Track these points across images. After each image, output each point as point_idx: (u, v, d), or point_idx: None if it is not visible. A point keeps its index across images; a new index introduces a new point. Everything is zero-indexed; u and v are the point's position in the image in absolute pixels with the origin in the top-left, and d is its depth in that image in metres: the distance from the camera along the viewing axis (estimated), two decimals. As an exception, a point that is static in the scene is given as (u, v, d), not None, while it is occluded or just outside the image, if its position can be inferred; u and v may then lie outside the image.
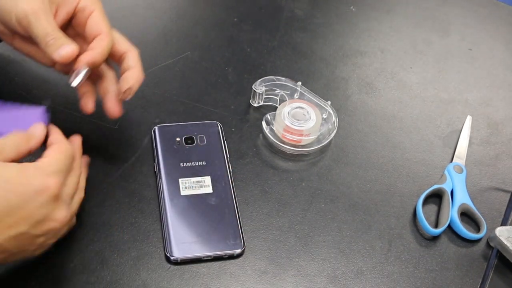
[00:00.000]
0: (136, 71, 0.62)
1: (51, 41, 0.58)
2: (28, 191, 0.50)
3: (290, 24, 0.86)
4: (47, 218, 0.52)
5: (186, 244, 0.61)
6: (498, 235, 0.64)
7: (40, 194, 0.50)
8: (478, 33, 0.90)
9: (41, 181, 0.51)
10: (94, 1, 0.62)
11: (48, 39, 0.58)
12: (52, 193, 0.51)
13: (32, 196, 0.50)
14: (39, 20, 0.57)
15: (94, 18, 0.61)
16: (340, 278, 0.62)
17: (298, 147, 0.71)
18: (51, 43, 0.58)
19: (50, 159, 0.53)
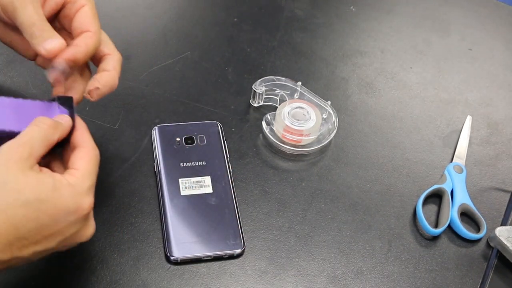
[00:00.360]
0: (110, 75, 0.57)
1: (37, 32, 0.53)
2: (61, 212, 0.48)
3: (290, 24, 0.86)
4: (75, 235, 0.50)
5: (186, 244, 0.61)
6: (498, 235, 0.64)
7: (72, 214, 0.49)
8: (478, 33, 0.90)
9: (75, 202, 0.49)
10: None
11: (34, 30, 0.53)
12: (85, 212, 0.50)
13: (64, 217, 0.48)
14: (26, 8, 0.53)
15: (84, 13, 0.57)
16: (340, 278, 0.62)
17: (298, 147, 0.71)
18: (37, 34, 0.53)
19: (83, 173, 0.50)
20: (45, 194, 0.47)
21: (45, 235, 0.48)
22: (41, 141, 0.49)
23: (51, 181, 0.48)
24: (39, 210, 0.47)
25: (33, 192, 0.47)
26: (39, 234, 0.47)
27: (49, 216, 0.47)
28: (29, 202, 0.46)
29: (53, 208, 0.48)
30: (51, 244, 0.49)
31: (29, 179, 0.47)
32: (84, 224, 0.51)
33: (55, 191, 0.48)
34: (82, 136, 0.53)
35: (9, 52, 0.69)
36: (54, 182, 0.48)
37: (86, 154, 0.52)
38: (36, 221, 0.47)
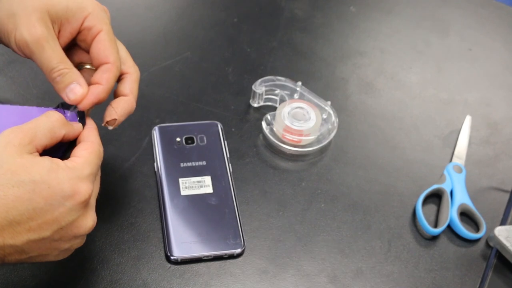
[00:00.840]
0: (127, 102, 0.56)
1: (58, 78, 0.53)
2: (56, 194, 0.46)
3: (290, 24, 0.86)
4: (72, 225, 0.48)
5: (186, 243, 0.61)
6: (497, 235, 0.65)
7: (69, 199, 0.47)
8: (478, 34, 0.90)
9: (72, 186, 0.47)
10: (101, 20, 0.56)
11: (55, 76, 0.53)
12: (82, 199, 0.48)
13: (60, 201, 0.46)
14: (43, 51, 0.52)
15: (101, 41, 0.55)
16: (340, 278, 0.62)
17: (298, 147, 0.71)
18: (58, 80, 0.53)
19: (84, 160, 0.49)
20: (40, 175, 0.46)
21: (39, 222, 0.46)
22: (46, 131, 0.49)
23: (48, 163, 0.47)
24: (33, 191, 0.45)
25: (28, 173, 0.46)
26: (32, 220, 0.46)
27: (44, 199, 0.46)
28: (22, 182, 0.45)
29: (47, 190, 0.46)
30: (46, 233, 0.47)
31: (24, 161, 0.46)
32: (82, 213, 0.49)
33: (51, 172, 0.46)
34: (89, 132, 0.53)
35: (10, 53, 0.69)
36: (51, 164, 0.47)
37: (90, 146, 0.51)
38: (29, 203, 0.45)
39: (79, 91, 0.53)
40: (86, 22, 0.55)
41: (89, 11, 0.55)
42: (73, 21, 0.55)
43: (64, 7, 0.54)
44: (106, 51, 0.55)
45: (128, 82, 0.57)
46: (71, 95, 0.53)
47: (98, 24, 0.55)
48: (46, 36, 0.52)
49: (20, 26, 0.52)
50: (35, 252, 0.47)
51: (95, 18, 0.55)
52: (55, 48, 0.53)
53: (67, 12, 0.54)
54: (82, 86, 0.54)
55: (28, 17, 0.52)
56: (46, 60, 0.53)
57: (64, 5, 0.54)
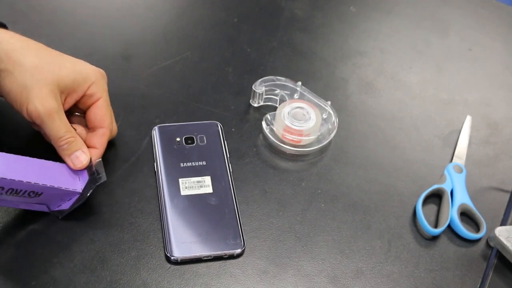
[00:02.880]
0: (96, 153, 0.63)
1: (64, 146, 0.59)
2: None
3: (290, 24, 0.86)
4: None
5: (186, 244, 0.61)
6: (498, 235, 0.65)
7: None
8: (477, 34, 0.90)
9: None
10: (101, 89, 0.63)
11: (62, 143, 0.59)
12: None
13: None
14: (53, 122, 0.58)
15: (100, 108, 0.63)
16: (340, 278, 0.62)
17: (298, 147, 0.71)
18: (65, 147, 0.60)
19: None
20: None
21: None
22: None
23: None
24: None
25: None
26: None
27: None
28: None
29: None
30: None
31: None
32: None
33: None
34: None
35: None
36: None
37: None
38: None
39: (84, 159, 0.60)
40: (89, 90, 0.62)
41: (93, 81, 0.62)
42: (78, 90, 0.62)
43: (72, 80, 0.61)
44: (103, 117, 0.63)
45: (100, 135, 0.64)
46: (77, 162, 0.60)
47: (98, 92, 0.63)
48: (56, 109, 0.59)
49: (33, 99, 0.58)
50: None
51: (97, 87, 0.63)
52: (63, 119, 0.59)
53: (73, 83, 0.61)
54: (86, 154, 0.60)
55: (40, 90, 0.58)
56: (55, 130, 0.59)
57: (72, 77, 0.61)
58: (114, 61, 0.77)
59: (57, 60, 0.61)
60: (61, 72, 0.60)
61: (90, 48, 0.78)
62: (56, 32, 0.65)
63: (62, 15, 0.82)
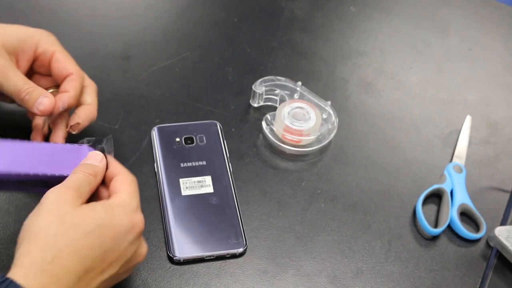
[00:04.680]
0: (90, 108, 0.62)
1: (26, 97, 0.58)
2: (120, 232, 0.50)
3: (290, 24, 0.86)
4: (134, 255, 0.52)
5: (189, 244, 0.61)
6: (498, 235, 0.65)
7: (130, 233, 0.50)
8: (477, 34, 0.90)
9: (130, 220, 0.51)
10: (52, 43, 0.62)
11: (23, 95, 0.58)
12: (140, 229, 0.51)
13: (124, 236, 0.50)
14: (8, 78, 0.58)
15: (59, 59, 0.61)
16: (340, 278, 0.62)
17: (298, 147, 0.71)
18: (27, 98, 0.58)
19: (128, 194, 0.52)
20: (102, 219, 0.49)
21: (110, 261, 0.49)
22: (87, 186, 0.52)
23: (102, 207, 0.50)
24: (101, 236, 0.48)
25: (91, 220, 0.48)
26: (104, 262, 0.49)
27: (111, 239, 0.49)
28: (91, 230, 0.48)
29: (113, 230, 0.49)
30: (114, 270, 0.50)
31: (83, 211, 0.49)
32: (140, 241, 0.52)
33: (108, 213, 0.50)
34: (115, 166, 0.56)
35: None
36: (105, 207, 0.50)
37: (125, 178, 0.54)
38: (100, 247, 0.48)
39: (46, 101, 0.58)
40: (39, 48, 0.61)
41: (38, 38, 0.61)
42: (26, 49, 0.61)
43: (16, 40, 0.60)
44: (66, 65, 0.61)
45: (88, 93, 0.63)
46: (41, 106, 0.58)
47: (50, 47, 0.62)
48: (7, 65, 0.58)
49: None
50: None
51: (46, 42, 0.62)
52: (17, 74, 0.59)
53: (19, 43, 0.60)
54: (49, 97, 0.59)
55: None
56: (12, 85, 0.58)
57: (16, 37, 0.60)
58: (114, 61, 0.77)
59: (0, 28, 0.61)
60: (4, 36, 0.59)
61: (90, 48, 0.78)
62: (56, 32, 0.65)
63: (62, 15, 0.82)
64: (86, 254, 0.47)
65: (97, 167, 0.54)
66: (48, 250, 0.46)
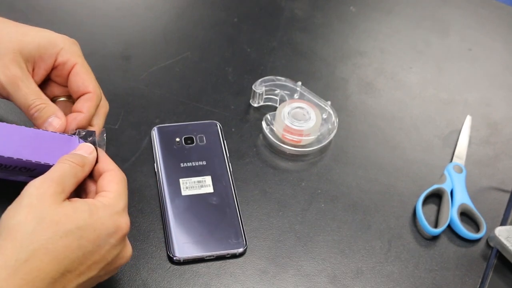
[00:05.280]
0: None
1: (35, 114, 0.55)
2: (102, 235, 0.48)
3: (290, 24, 0.86)
4: (117, 258, 0.50)
5: (189, 244, 0.61)
6: (498, 235, 0.65)
7: (113, 236, 0.48)
8: (477, 34, 0.90)
9: (114, 222, 0.49)
10: (74, 54, 0.58)
11: (32, 112, 0.55)
12: (124, 232, 0.50)
13: (106, 239, 0.48)
14: (19, 90, 0.54)
15: (79, 74, 0.57)
16: (340, 278, 0.62)
17: (298, 147, 0.71)
18: (36, 116, 0.55)
19: (115, 194, 0.50)
20: (84, 220, 0.47)
21: (89, 263, 0.47)
22: (72, 178, 0.50)
23: (86, 207, 0.48)
24: (81, 238, 0.46)
25: (72, 221, 0.47)
26: (82, 264, 0.47)
27: (91, 242, 0.47)
28: (69, 231, 0.46)
29: (95, 232, 0.47)
30: (93, 273, 0.48)
31: (65, 209, 0.47)
32: (123, 244, 0.51)
33: (92, 215, 0.48)
34: (105, 161, 0.54)
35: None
36: (89, 207, 0.48)
37: (114, 176, 0.52)
38: (79, 250, 0.46)
39: (57, 123, 0.55)
40: (60, 57, 0.57)
41: (61, 46, 0.57)
42: (46, 57, 0.56)
43: (36, 46, 0.56)
44: (85, 82, 0.57)
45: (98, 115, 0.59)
46: (50, 128, 0.55)
47: (72, 58, 0.57)
48: (21, 76, 0.54)
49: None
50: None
51: (68, 53, 0.57)
52: (30, 86, 0.55)
53: (39, 49, 0.56)
54: (60, 118, 0.56)
55: (1, 60, 0.54)
56: (22, 98, 0.55)
57: (36, 43, 0.56)
58: (114, 61, 0.77)
59: (19, 29, 0.56)
60: (24, 39, 0.55)
61: (90, 48, 0.78)
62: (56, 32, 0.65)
63: (62, 15, 0.82)
64: (63, 256, 0.45)
65: (86, 158, 0.52)
66: (23, 249, 0.44)
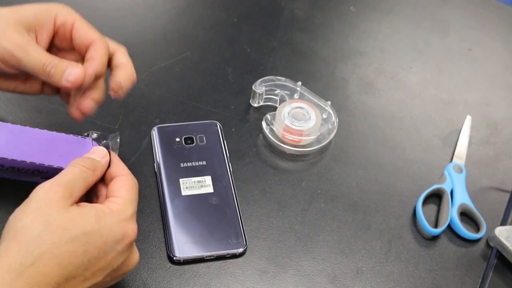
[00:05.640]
0: (127, 68, 0.59)
1: (52, 70, 0.55)
2: (109, 241, 0.47)
3: (290, 24, 0.86)
4: (123, 265, 0.50)
5: (189, 244, 0.61)
6: (498, 235, 0.65)
7: (120, 242, 0.48)
8: (477, 34, 0.90)
9: (121, 229, 0.48)
10: (70, 14, 0.58)
11: (48, 69, 0.55)
12: (131, 239, 0.49)
13: (112, 246, 0.48)
14: (29, 54, 0.54)
15: (80, 28, 0.58)
16: (340, 278, 0.62)
17: (298, 147, 0.71)
18: (53, 72, 0.55)
19: (124, 200, 0.50)
20: (91, 226, 0.47)
21: (94, 270, 0.47)
22: (82, 182, 0.50)
23: (94, 212, 0.48)
24: (87, 244, 0.46)
25: (78, 226, 0.46)
26: (87, 270, 0.47)
27: (97, 248, 0.47)
28: (75, 237, 0.46)
29: (100, 238, 0.47)
30: (98, 279, 0.48)
31: (72, 214, 0.47)
32: (130, 251, 0.50)
33: (99, 221, 0.47)
34: (118, 165, 0.54)
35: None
36: (97, 213, 0.48)
37: (126, 182, 0.52)
38: (84, 255, 0.46)
39: (76, 71, 0.55)
40: (58, 20, 0.57)
41: (56, 10, 0.58)
42: (45, 24, 0.57)
43: (33, 14, 0.56)
44: (87, 33, 0.58)
45: (120, 55, 0.60)
46: (71, 77, 0.55)
47: (69, 18, 0.58)
48: (27, 41, 0.55)
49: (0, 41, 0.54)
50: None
51: (64, 15, 0.58)
52: (38, 49, 0.55)
53: (36, 18, 0.56)
54: (78, 66, 0.55)
55: (4, 32, 0.54)
56: (34, 60, 0.55)
57: (32, 12, 0.57)
58: (114, 61, 0.77)
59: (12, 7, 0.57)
60: (20, 11, 0.56)
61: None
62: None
63: (62, 15, 0.82)
64: (68, 261, 0.45)
65: (98, 162, 0.52)
66: (28, 253, 0.44)
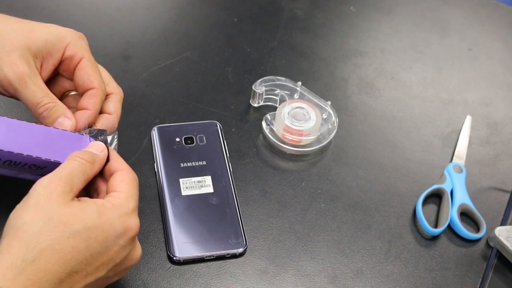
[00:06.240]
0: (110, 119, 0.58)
1: (44, 113, 0.54)
2: (111, 236, 0.47)
3: (290, 24, 0.86)
4: (125, 259, 0.50)
5: (189, 244, 0.61)
6: (498, 235, 0.65)
7: (122, 237, 0.48)
8: (478, 33, 0.90)
9: (123, 223, 0.48)
10: (81, 48, 0.57)
11: (41, 110, 0.54)
12: (133, 233, 0.49)
13: (114, 241, 0.48)
14: (26, 87, 0.53)
15: (84, 68, 0.57)
16: (340, 278, 0.62)
17: (298, 147, 0.71)
18: (45, 115, 0.54)
19: (125, 195, 0.50)
20: (92, 221, 0.47)
21: (96, 264, 0.47)
22: (81, 176, 0.50)
23: (95, 207, 0.48)
24: (89, 239, 0.46)
25: (80, 221, 0.46)
26: (90, 265, 0.46)
27: (99, 243, 0.47)
28: (77, 232, 0.46)
29: (103, 233, 0.47)
30: (101, 274, 0.48)
31: (73, 209, 0.47)
32: (133, 245, 0.50)
33: (101, 215, 0.47)
34: (117, 160, 0.53)
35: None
36: (98, 207, 0.48)
37: (126, 176, 0.52)
38: (86, 250, 0.46)
39: (68, 124, 0.55)
40: (67, 51, 0.56)
41: (68, 41, 0.56)
42: (54, 53, 0.56)
43: (44, 41, 0.55)
44: (90, 77, 0.57)
45: (112, 102, 0.59)
46: (61, 126, 0.54)
47: (79, 52, 0.57)
48: (29, 73, 0.53)
49: (2, 66, 0.53)
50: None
51: (75, 47, 0.57)
52: (37, 84, 0.54)
53: (47, 45, 0.55)
54: (70, 119, 0.55)
55: (9, 57, 0.53)
56: (30, 96, 0.54)
57: (44, 39, 0.55)
58: (114, 61, 0.77)
59: (26, 25, 0.56)
60: (31, 35, 0.54)
61: (90, 48, 0.78)
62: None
63: (62, 15, 0.82)
64: (70, 256, 0.45)
65: (96, 155, 0.52)
66: (30, 250, 0.44)
